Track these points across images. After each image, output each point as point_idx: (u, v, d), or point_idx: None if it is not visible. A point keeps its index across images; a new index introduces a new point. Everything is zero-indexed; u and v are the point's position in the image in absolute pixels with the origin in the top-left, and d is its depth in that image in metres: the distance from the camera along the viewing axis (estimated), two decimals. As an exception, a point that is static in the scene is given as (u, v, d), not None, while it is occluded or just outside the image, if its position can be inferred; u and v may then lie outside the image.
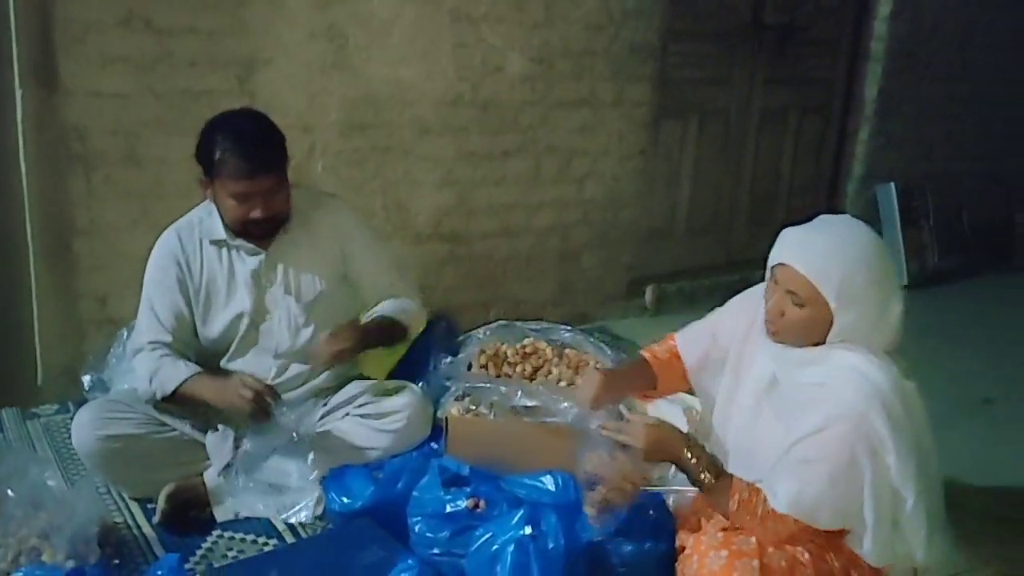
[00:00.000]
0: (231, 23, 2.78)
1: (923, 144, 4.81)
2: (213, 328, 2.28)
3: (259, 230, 2.20)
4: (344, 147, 3.07)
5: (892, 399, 1.62)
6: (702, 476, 1.70)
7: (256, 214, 2.14)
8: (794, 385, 1.74)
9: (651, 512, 1.98)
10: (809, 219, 1.76)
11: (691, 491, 1.88)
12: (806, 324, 1.68)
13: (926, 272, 4.65)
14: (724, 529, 1.75)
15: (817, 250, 1.66)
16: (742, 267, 4.24)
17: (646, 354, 2.15)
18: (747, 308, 1.96)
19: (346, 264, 2.35)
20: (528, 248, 3.59)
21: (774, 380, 1.79)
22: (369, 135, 3.11)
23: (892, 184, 4.58)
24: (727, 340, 1.98)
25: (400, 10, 3.04)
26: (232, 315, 2.27)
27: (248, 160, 2.08)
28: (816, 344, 1.70)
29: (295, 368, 2.32)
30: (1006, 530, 2.41)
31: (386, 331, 2.32)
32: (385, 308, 2.34)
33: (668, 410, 2.26)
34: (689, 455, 1.72)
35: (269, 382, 2.26)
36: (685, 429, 1.91)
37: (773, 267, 1.74)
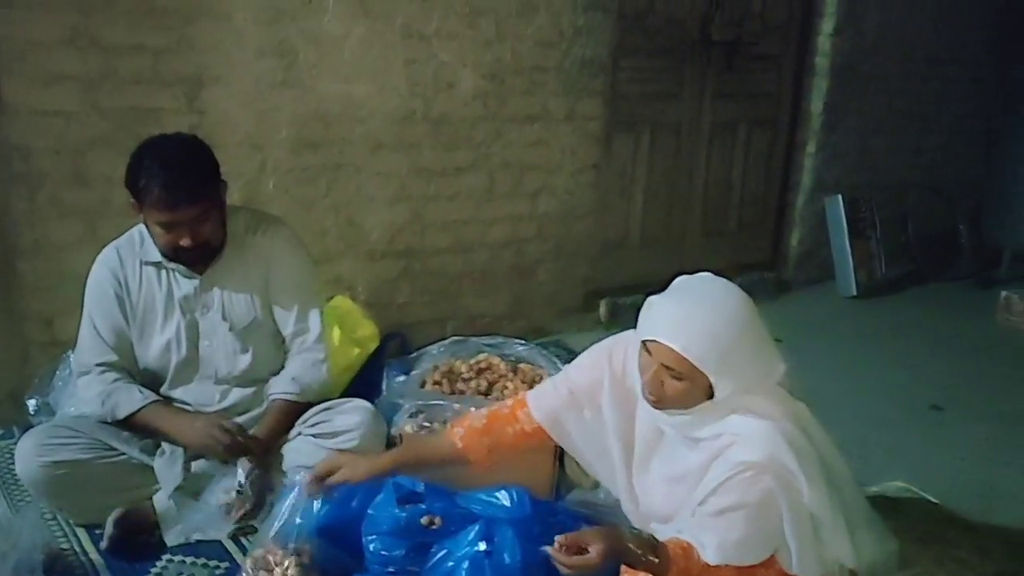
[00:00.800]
0: (178, 41, 2.76)
1: (868, 156, 4.91)
2: (148, 352, 2.25)
3: (189, 257, 2.16)
4: (295, 164, 3.06)
5: (791, 429, 1.65)
6: (647, 559, 1.63)
7: (185, 242, 2.09)
8: (687, 444, 1.75)
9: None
10: (669, 283, 1.79)
11: None
12: (687, 394, 1.68)
13: (874, 282, 4.74)
14: None
15: (691, 328, 1.64)
16: (695, 279, 4.29)
17: (480, 420, 2.05)
18: (607, 365, 1.94)
19: (269, 291, 2.30)
20: (483, 263, 3.59)
21: (660, 435, 1.82)
22: (320, 152, 3.10)
23: (839, 195, 4.67)
24: (586, 397, 1.96)
25: (351, 27, 3.04)
26: (166, 339, 2.23)
27: (171, 190, 2.03)
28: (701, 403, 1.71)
29: (237, 393, 2.30)
30: (956, 532, 2.46)
31: (285, 426, 2.26)
32: (284, 384, 2.28)
33: None
34: (634, 547, 1.62)
35: (213, 409, 2.26)
36: None
37: (645, 341, 1.71)
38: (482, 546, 1.88)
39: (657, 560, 1.63)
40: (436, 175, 3.36)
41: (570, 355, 3.48)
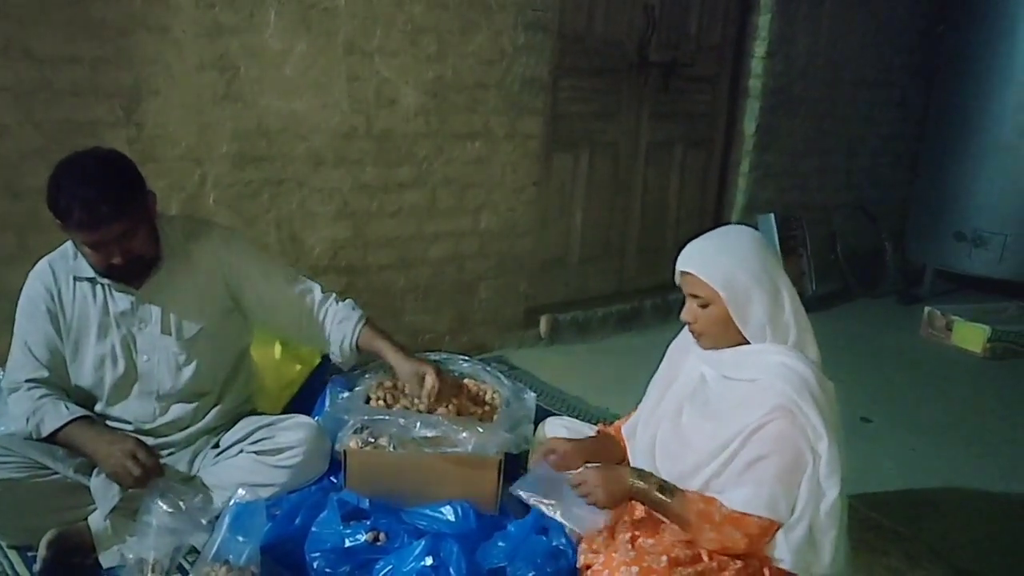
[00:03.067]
0: (115, 52, 2.71)
1: (798, 176, 5.07)
2: (83, 368, 2.18)
3: (123, 274, 2.10)
4: (236, 179, 3.03)
5: (818, 391, 1.76)
6: (657, 497, 1.78)
7: (116, 260, 2.03)
8: (724, 384, 1.86)
9: (549, 535, 2.01)
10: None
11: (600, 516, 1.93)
12: (716, 322, 1.84)
13: (804, 299, 4.76)
14: (633, 539, 1.84)
15: (706, 253, 1.87)
16: (633, 296, 4.37)
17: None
18: (678, 347, 2.08)
19: (237, 295, 2.28)
20: (425, 279, 3.60)
21: (702, 380, 1.91)
22: (262, 167, 3.08)
23: (772, 214, 4.80)
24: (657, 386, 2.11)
25: (293, 42, 3.03)
26: (100, 356, 2.17)
27: (91, 210, 1.95)
28: (740, 344, 1.84)
29: (177, 409, 2.25)
30: (886, 540, 2.54)
31: (389, 335, 2.37)
32: (347, 323, 2.33)
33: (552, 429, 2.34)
34: (639, 484, 1.81)
35: (152, 425, 2.22)
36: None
37: (679, 282, 1.90)
38: (428, 561, 1.89)
39: (670, 499, 1.75)
40: (378, 191, 3.37)
41: (511, 371, 3.54)
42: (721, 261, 1.83)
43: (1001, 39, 4.79)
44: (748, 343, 1.84)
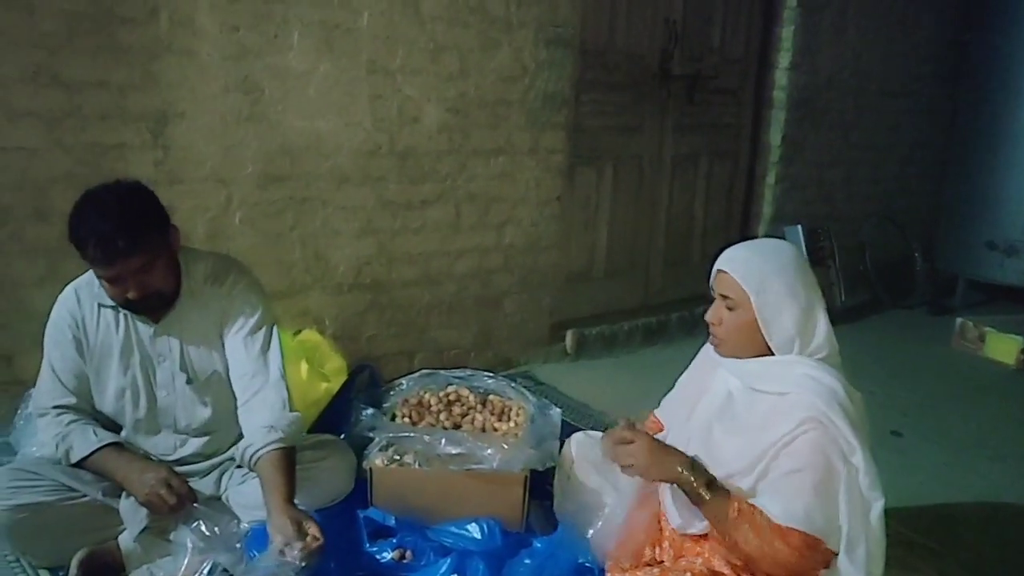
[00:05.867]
0: (142, 77, 2.76)
1: (825, 187, 5.03)
2: (104, 396, 2.19)
3: (140, 308, 2.09)
4: (261, 199, 3.06)
5: (847, 402, 1.74)
6: (701, 492, 1.76)
7: (131, 295, 2.02)
8: (752, 396, 1.83)
9: (576, 552, 2.00)
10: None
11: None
12: (739, 327, 1.83)
13: (834, 310, 4.76)
14: (657, 563, 1.83)
15: (746, 256, 1.87)
16: (659, 310, 4.34)
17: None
18: (707, 360, 2.06)
19: (222, 338, 2.22)
20: (450, 295, 3.61)
21: (730, 396, 1.89)
22: (287, 186, 3.10)
23: (799, 225, 4.76)
24: (689, 381, 2.12)
25: (316, 63, 3.06)
26: (122, 385, 2.17)
27: (107, 245, 1.94)
28: (763, 355, 1.82)
29: (197, 443, 2.25)
30: (918, 557, 2.50)
31: (293, 479, 2.03)
32: (264, 436, 2.06)
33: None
34: (687, 473, 1.78)
35: (172, 457, 2.22)
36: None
37: (712, 282, 1.90)
38: (454, 579, 1.88)
39: (713, 496, 1.73)
40: (402, 208, 3.39)
41: (537, 386, 3.53)
42: (758, 266, 1.83)
43: (1028, 45, 4.74)
44: (770, 354, 1.82)
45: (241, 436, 2.27)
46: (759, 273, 1.81)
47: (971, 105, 5.13)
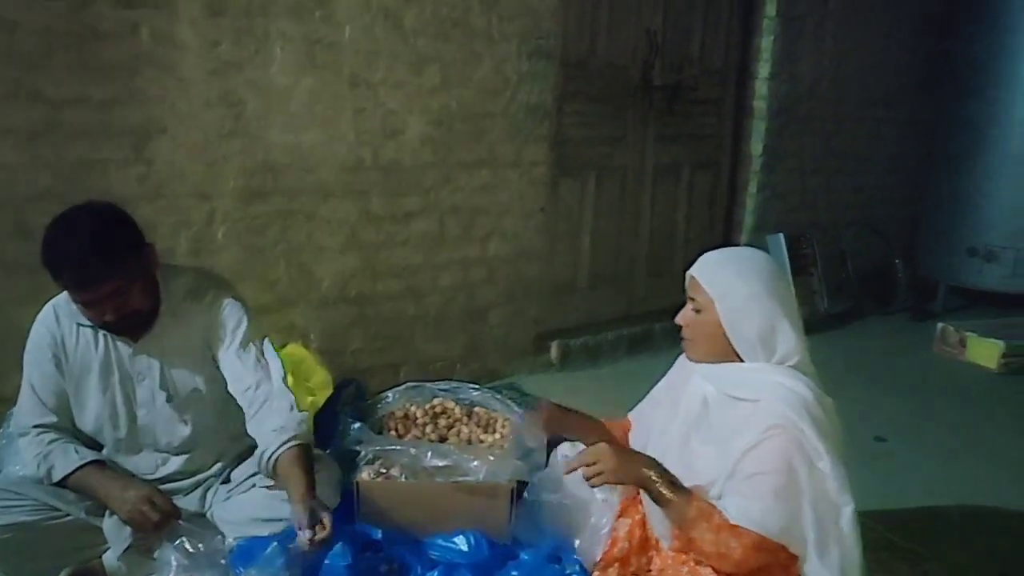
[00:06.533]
0: (124, 92, 2.75)
1: (807, 195, 5.07)
2: (84, 414, 2.16)
3: (118, 328, 2.07)
4: (245, 214, 3.05)
5: (816, 408, 1.76)
6: (663, 491, 1.77)
7: (108, 317, 2.00)
8: (726, 403, 1.85)
9: (563, 563, 2.00)
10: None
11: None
12: (706, 331, 1.86)
13: (816, 317, 4.86)
14: (643, 572, 1.86)
15: (714, 262, 1.92)
16: (643, 319, 4.36)
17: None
18: (683, 366, 2.08)
19: (213, 356, 2.20)
20: (435, 308, 3.61)
21: (705, 403, 1.90)
22: (270, 201, 3.10)
23: (781, 234, 4.80)
24: (663, 391, 2.14)
25: (298, 77, 3.06)
26: (101, 404, 2.15)
27: (81, 271, 1.91)
28: (731, 360, 1.85)
29: (179, 461, 2.23)
30: (903, 561, 2.52)
31: (312, 473, 2.04)
32: (277, 437, 2.05)
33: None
34: (651, 474, 1.80)
35: (154, 476, 2.20)
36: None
37: (686, 285, 1.94)
38: (441, 592, 1.88)
39: (675, 496, 1.75)
40: (386, 221, 3.39)
41: (523, 397, 3.53)
42: (724, 271, 1.87)
43: (1006, 54, 4.81)
44: (740, 360, 1.85)
45: (223, 453, 2.28)
46: (725, 279, 1.85)
47: (950, 113, 5.19)
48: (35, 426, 2.14)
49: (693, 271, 1.91)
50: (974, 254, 4.94)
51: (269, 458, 2.05)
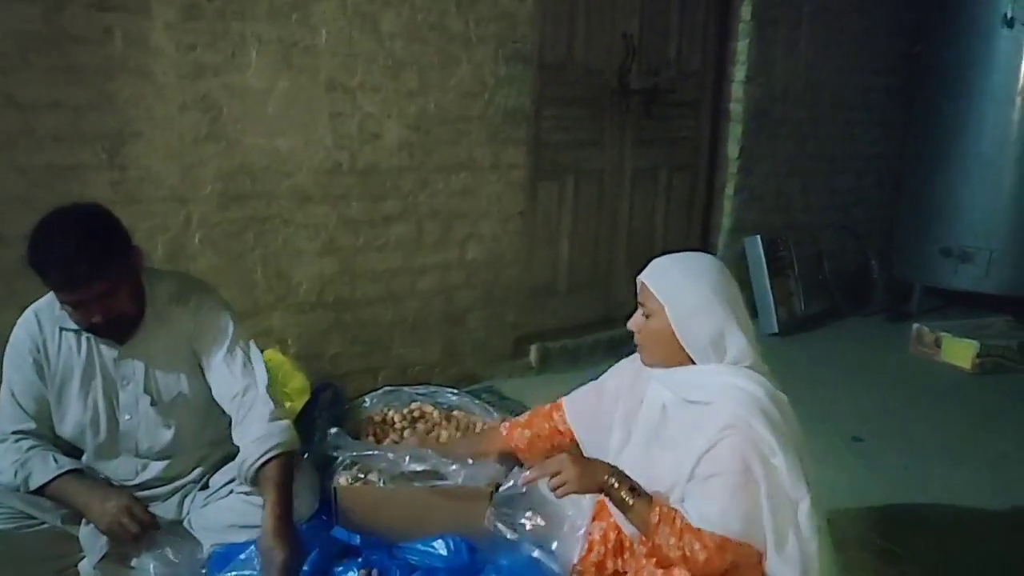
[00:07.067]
0: (97, 97, 2.73)
1: (782, 198, 5.11)
2: (65, 420, 2.14)
3: (105, 331, 2.06)
4: (222, 218, 3.04)
5: (769, 405, 1.77)
6: (624, 497, 1.78)
7: (96, 319, 1.99)
8: (682, 407, 1.87)
9: (542, 567, 2.00)
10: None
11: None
12: (657, 335, 1.88)
13: (794, 319, 4.90)
14: (620, 574, 1.86)
15: (662, 267, 1.93)
16: (622, 323, 4.32)
17: (524, 417, 2.33)
18: (630, 368, 2.10)
19: (199, 362, 2.19)
20: (414, 312, 3.60)
21: (664, 410, 1.91)
22: (247, 205, 3.09)
23: (758, 236, 4.84)
24: (611, 398, 2.12)
25: (274, 81, 3.05)
26: (83, 409, 2.13)
27: (68, 272, 1.91)
28: (685, 364, 1.87)
29: (156, 466, 2.21)
30: (879, 559, 2.54)
31: (290, 491, 2.04)
32: (259, 446, 2.04)
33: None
34: (612, 480, 1.80)
35: (134, 482, 2.19)
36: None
37: (638, 291, 1.95)
38: (420, 597, 1.87)
39: (636, 501, 1.76)
40: (364, 226, 3.38)
41: (503, 401, 3.54)
42: (672, 276, 1.89)
43: (977, 57, 4.86)
44: (693, 362, 1.87)
45: (203, 459, 2.27)
46: (673, 285, 1.87)
47: (923, 116, 5.24)
48: (13, 432, 2.12)
49: (642, 277, 1.93)
50: (948, 255, 4.99)
51: (249, 467, 2.04)
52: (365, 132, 3.30)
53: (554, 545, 2.01)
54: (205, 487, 2.27)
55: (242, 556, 1.90)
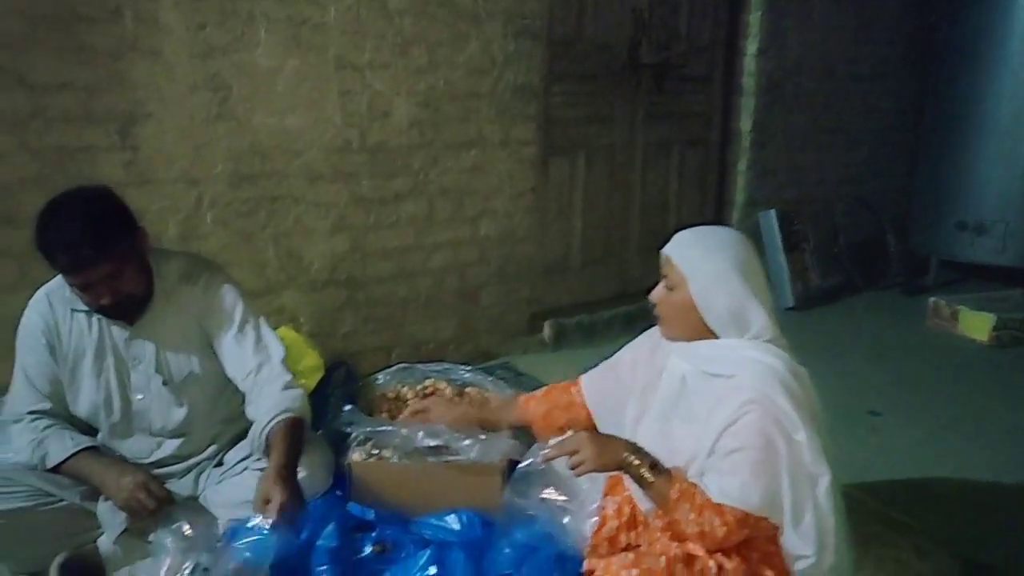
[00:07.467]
0: (108, 78, 2.73)
1: (797, 171, 5.07)
2: (78, 400, 2.17)
3: (114, 312, 2.07)
4: (233, 198, 3.04)
5: (789, 379, 1.76)
6: (644, 473, 1.78)
7: (104, 300, 2.01)
8: (703, 380, 1.86)
9: (556, 541, 2.01)
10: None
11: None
12: (678, 308, 1.87)
13: (809, 293, 4.87)
14: (633, 548, 1.84)
15: (686, 240, 1.92)
16: (637, 298, 4.35)
17: (541, 391, 2.36)
18: (648, 341, 2.10)
19: (210, 341, 2.20)
20: (426, 289, 3.61)
21: (684, 382, 1.91)
22: (258, 185, 3.09)
23: (773, 211, 4.80)
24: (628, 370, 2.13)
25: (284, 60, 3.04)
26: (96, 389, 2.16)
27: (75, 254, 1.92)
28: (706, 338, 1.86)
29: (173, 445, 2.23)
30: (895, 532, 2.53)
31: (296, 447, 2.05)
32: (269, 412, 2.08)
33: None
34: (632, 457, 1.80)
35: (149, 460, 2.21)
36: None
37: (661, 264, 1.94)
38: (432, 571, 1.90)
39: (656, 478, 1.76)
40: (375, 204, 3.38)
41: (517, 377, 3.54)
42: (695, 249, 1.88)
43: (994, 26, 4.79)
44: (715, 336, 1.86)
45: (217, 436, 2.29)
46: (696, 257, 1.86)
47: (939, 87, 5.18)
48: (29, 412, 2.15)
49: (666, 250, 1.92)
50: (964, 228, 4.94)
51: (260, 433, 2.06)
52: (374, 110, 3.29)
53: (567, 519, 2.02)
54: (220, 464, 2.29)
55: (250, 524, 1.90)
